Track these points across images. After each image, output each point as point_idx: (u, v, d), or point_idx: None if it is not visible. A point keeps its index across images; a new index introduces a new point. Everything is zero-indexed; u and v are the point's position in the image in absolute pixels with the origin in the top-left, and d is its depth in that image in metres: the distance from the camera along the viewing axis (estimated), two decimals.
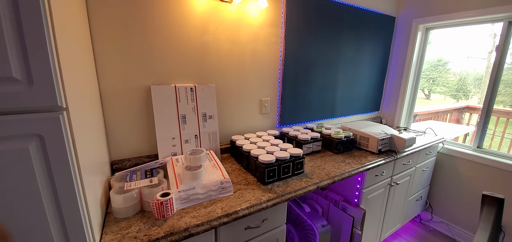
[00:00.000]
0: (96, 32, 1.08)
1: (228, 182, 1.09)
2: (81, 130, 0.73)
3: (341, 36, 1.98)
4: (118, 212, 0.91)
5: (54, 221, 0.63)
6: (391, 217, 2.01)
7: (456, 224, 2.27)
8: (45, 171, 0.60)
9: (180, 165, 1.17)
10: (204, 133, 1.40)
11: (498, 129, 3.42)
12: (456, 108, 3.81)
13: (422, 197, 2.33)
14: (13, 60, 0.53)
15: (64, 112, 0.60)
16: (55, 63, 0.57)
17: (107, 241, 0.80)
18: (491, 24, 2.08)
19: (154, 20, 1.21)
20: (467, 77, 7.70)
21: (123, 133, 1.24)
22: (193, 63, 1.37)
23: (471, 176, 2.13)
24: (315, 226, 1.51)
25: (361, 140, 1.76)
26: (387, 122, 2.61)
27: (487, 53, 6.82)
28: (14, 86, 0.54)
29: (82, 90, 0.81)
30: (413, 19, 2.25)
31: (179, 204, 0.98)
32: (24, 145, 0.57)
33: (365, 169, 1.49)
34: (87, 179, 0.72)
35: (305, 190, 1.19)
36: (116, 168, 1.22)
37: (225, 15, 1.40)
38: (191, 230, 0.87)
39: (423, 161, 2.11)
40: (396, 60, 2.44)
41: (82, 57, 0.86)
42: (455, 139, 2.65)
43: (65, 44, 0.65)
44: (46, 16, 0.54)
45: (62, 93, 0.59)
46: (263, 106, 1.71)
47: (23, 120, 0.56)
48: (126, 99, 1.21)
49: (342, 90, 2.15)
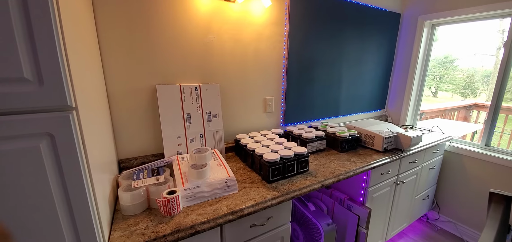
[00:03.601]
0: (102, 33, 1.10)
1: (233, 180, 1.10)
2: (90, 129, 0.74)
3: (345, 34, 1.97)
4: (126, 210, 0.93)
5: (65, 218, 0.65)
6: (397, 216, 1.99)
7: (464, 223, 2.24)
8: (56, 168, 0.62)
9: (186, 164, 1.18)
10: (209, 131, 1.41)
11: (507, 126, 3.36)
12: (463, 106, 3.75)
13: (429, 196, 2.30)
14: (24, 61, 0.55)
15: (73, 111, 0.62)
16: (65, 64, 0.59)
17: (115, 237, 0.81)
18: (499, 20, 2.05)
19: (159, 21, 1.22)
20: (474, 74, 7.56)
21: (129, 132, 1.26)
22: (197, 63, 1.38)
23: (479, 174, 2.10)
24: (320, 225, 1.50)
25: (366, 139, 1.75)
26: (392, 120, 2.58)
27: (495, 49, 6.68)
28: (25, 86, 0.56)
29: (91, 90, 0.83)
30: (419, 16, 2.22)
31: (185, 201, 0.99)
32: (35, 144, 0.59)
33: (371, 167, 1.48)
34: (96, 177, 0.74)
35: (309, 188, 1.19)
36: (123, 166, 1.25)
37: (229, 14, 1.41)
38: (197, 227, 0.88)
39: (429, 159, 2.09)
40: (401, 58, 2.41)
41: (89, 58, 0.88)
42: (462, 137, 2.61)
43: (74, 45, 0.67)
44: (55, 17, 0.56)
45: (71, 93, 0.61)
46: (267, 105, 1.72)
47: (34, 119, 0.58)
48: (132, 99, 1.23)
49: (346, 88, 2.14)
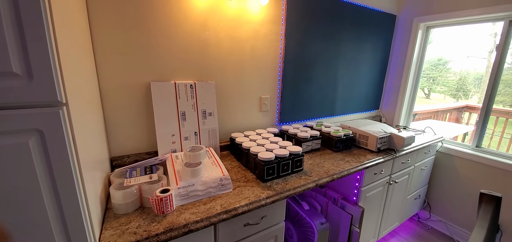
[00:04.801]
0: (95, 27, 1.08)
1: (228, 179, 1.09)
2: (81, 125, 0.73)
3: (342, 34, 1.98)
4: (117, 208, 0.92)
5: (54, 216, 0.64)
6: (390, 215, 2.02)
7: (454, 223, 2.29)
8: (45, 165, 0.60)
9: (180, 162, 1.17)
10: (203, 130, 1.40)
11: (497, 128, 3.43)
12: (455, 108, 3.81)
13: (421, 195, 2.34)
14: (13, 55, 0.53)
15: (64, 107, 0.60)
16: (55, 58, 0.57)
17: (107, 236, 0.80)
18: (492, 24, 2.08)
19: (154, 16, 1.20)
20: (467, 76, 7.69)
21: (122, 129, 1.24)
22: (193, 60, 1.37)
23: (469, 175, 2.14)
24: (313, 224, 1.51)
25: (361, 139, 1.77)
26: (386, 120, 2.61)
27: (488, 52, 6.80)
28: (14, 81, 0.54)
29: (82, 86, 0.81)
30: (414, 18, 2.24)
31: (178, 200, 0.98)
32: (24, 140, 0.57)
33: (364, 167, 1.50)
34: (87, 174, 0.72)
35: (304, 188, 1.19)
36: (115, 164, 1.23)
37: (226, 12, 1.40)
38: (191, 226, 0.88)
39: (422, 159, 2.12)
40: (396, 59, 2.44)
41: (81, 53, 0.86)
42: (454, 138, 2.66)
43: (65, 39, 0.65)
44: (45, 10, 0.54)
45: (62, 88, 0.59)
46: (262, 104, 1.71)
47: (23, 115, 0.56)
48: (125, 95, 1.21)
49: (342, 88, 2.15)
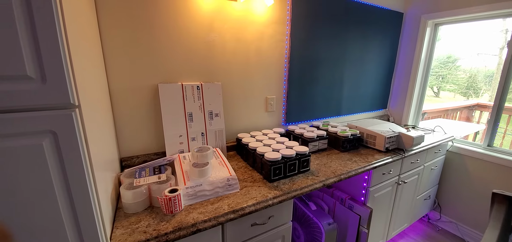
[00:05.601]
0: (105, 31, 1.10)
1: (235, 179, 1.10)
2: (93, 126, 0.74)
3: (348, 33, 1.96)
4: (128, 207, 0.94)
5: (67, 215, 0.65)
6: (399, 216, 1.99)
7: (465, 224, 2.23)
8: (59, 166, 0.62)
9: (187, 162, 1.18)
10: (210, 130, 1.41)
11: (510, 127, 3.33)
12: (466, 106, 3.73)
13: (431, 196, 2.30)
14: (27, 59, 0.55)
15: (76, 109, 0.62)
16: (67, 61, 0.59)
17: (117, 235, 0.82)
18: (502, 19, 2.03)
19: (161, 19, 1.22)
20: (477, 74, 7.51)
21: (131, 131, 1.26)
22: (199, 62, 1.38)
23: (481, 174, 2.09)
24: (321, 224, 1.50)
25: (368, 138, 1.75)
26: (394, 120, 2.57)
27: (499, 49, 6.62)
28: (28, 84, 0.56)
29: (93, 88, 0.83)
30: (421, 15, 2.20)
31: (186, 200, 0.99)
32: (38, 141, 0.59)
33: (372, 167, 1.48)
34: (98, 174, 0.74)
35: (311, 188, 1.19)
36: (125, 164, 1.25)
37: (231, 14, 1.41)
38: (199, 225, 0.89)
39: (431, 159, 2.08)
40: (404, 57, 2.40)
41: (92, 56, 0.88)
42: (465, 137, 2.60)
43: (76, 42, 0.67)
44: (58, 15, 0.56)
45: (74, 91, 0.61)
46: (268, 104, 1.72)
47: (37, 117, 0.58)
48: (134, 97, 1.24)
49: (348, 88, 2.13)
